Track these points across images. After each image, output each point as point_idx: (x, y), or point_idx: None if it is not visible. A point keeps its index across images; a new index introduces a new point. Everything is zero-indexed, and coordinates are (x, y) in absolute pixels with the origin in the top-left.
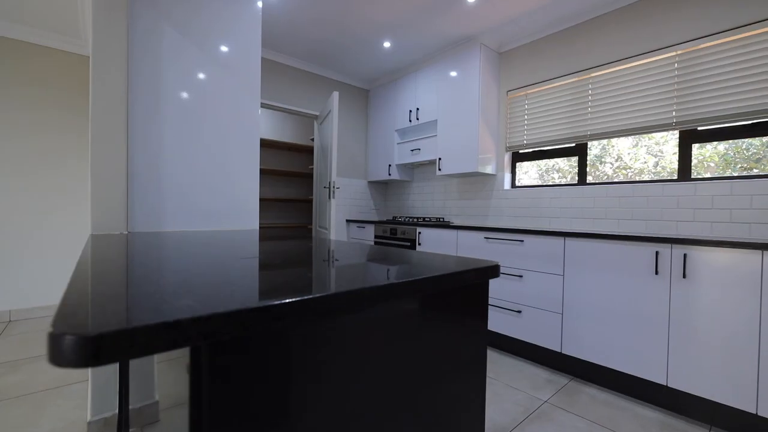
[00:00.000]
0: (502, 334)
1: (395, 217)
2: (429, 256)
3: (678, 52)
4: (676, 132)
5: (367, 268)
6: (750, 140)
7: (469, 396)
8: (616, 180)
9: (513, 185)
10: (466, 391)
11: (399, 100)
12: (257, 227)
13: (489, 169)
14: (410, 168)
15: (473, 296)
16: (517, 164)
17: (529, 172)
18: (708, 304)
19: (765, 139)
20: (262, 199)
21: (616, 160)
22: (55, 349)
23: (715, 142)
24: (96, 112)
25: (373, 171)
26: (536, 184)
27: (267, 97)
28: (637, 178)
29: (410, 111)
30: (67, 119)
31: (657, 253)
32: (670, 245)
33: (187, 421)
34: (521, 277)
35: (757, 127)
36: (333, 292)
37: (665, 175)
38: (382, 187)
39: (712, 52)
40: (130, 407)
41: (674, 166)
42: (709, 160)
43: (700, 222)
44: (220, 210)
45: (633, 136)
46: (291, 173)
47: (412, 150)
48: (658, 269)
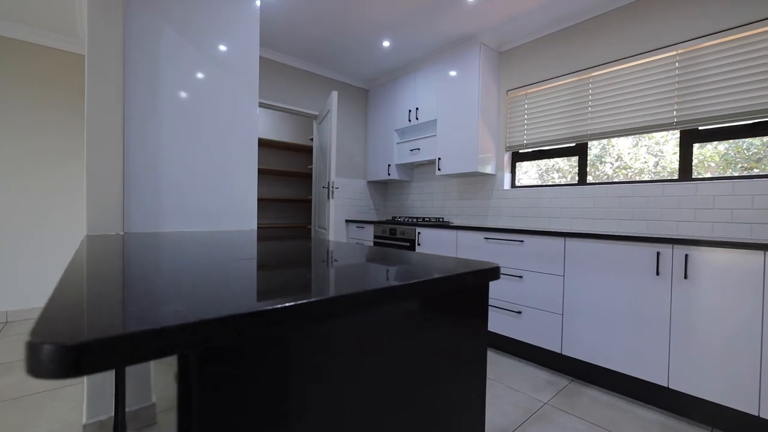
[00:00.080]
0: (502, 335)
1: (394, 218)
2: (428, 258)
3: (678, 52)
4: (677, 132)
5: (364, 270)
6: (750, 140)
7: (469, 398)
8: (616, 180)
9: (513, 185)
10: (466, 393)
11: (398, 99)
12: (255, 227)
13: (489, 169)
14: (410, 168)
15: (473, 298)
16: (517, 164)
17: (528, 172)
18: (709, 305)
19: (765, 138)
20: (261, 199)
21: (616, 160)
22: (33, 360)
23: (716, 142)
24: (91, 112)
25: (372, 171)
26: (536, 184)
27: (266, 96)
28: (638, 178)
29: (410, 111)
30: (67, 119)
31: (658, 253)
32: (671, 246)
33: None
34: (521, 277)
35: (757, 126)
36: (329, 297)
37: (665, 175)
38: (381, 187)
39: (713, 52)
40: (127, 410)
41: (674, 165)
42: (709, 159)
43: (700, 222)
44: (218, 210)
45: (633, 136)
46: (290, 173)
47: (411, 150)
48: (659, 270)
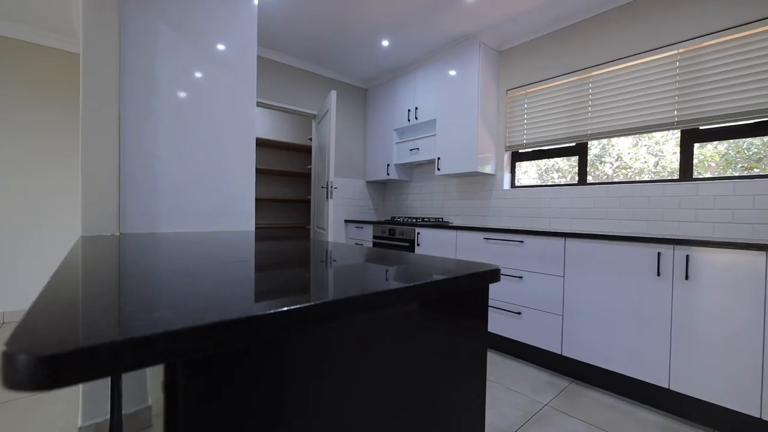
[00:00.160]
0: (501, 336)
1: (394, 218)
2: (427, 260)
3: (679, 51)
4: (677, 131)
5: (362, 273)
6: (751, 140)
7: (469, 400)
8: (616, 180)
9: (512, 185)
10: (466, 395)
11: (398, 99)
12: (253, 228)
13: (488, 168)
14: (409, 168)
15: (473, 299)
16: (517, 164)
17: (528, 172)
18: (711, 306)
19: (766, 138)
20: (260, 200)
21: (616, 160)
22: (8, 371)
23: (716, 142)
24: (86, 111)
25: (371, 171)
26: (536, 184)
27: (264, 96)
28: (637, 178)
29: (409, 110)
30: (67, 119)
31: (659, 254)
32: (672, 246)
33: None
34: (521, 278)
35: (759, 126)
36: (323, 302)
37: (665, 175)
38: (380, 187)
39: (714, 51)
40: (123, 412)
41: (674, 165)
42: (710, 159)
43: (701, 222)
44: (215, 210)
45: (633, 136)
46: (289, 173)
47: (410, 149)
48: (660, 270)
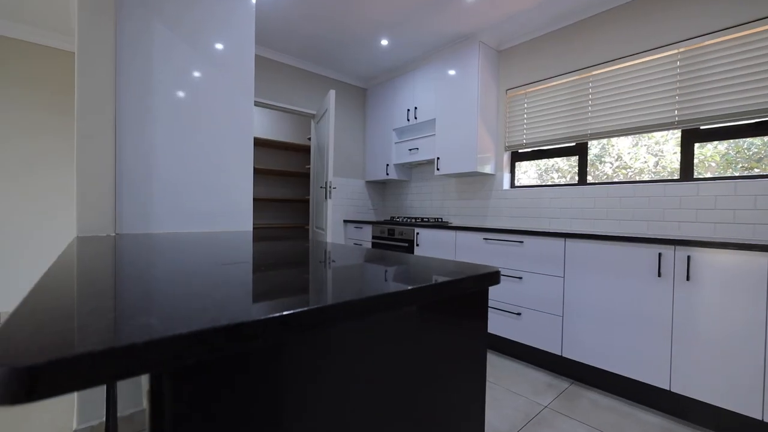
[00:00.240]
0: (501, 337)
1: (393, 218)
2: (426, 262)
3: (680, 50)
4: (677, 131)
5: (359, 276)
6: (751, 140)
7: (469, 402)
8: (616, 180)
9: (512, 185)
10: (465, 398)
11: (397, 98)
12: (251, 228)
13: (488, 168)
14: (408, 168)
15: (472, 302)
16: (517, 164)
17: (528, 172)
18: (712, 307)
19: (767, 138)
20: (259, 200)
21: (616, 160)
22: None
23: (716, 142)
24: (82, 111)
25: (370, 171)
26: (536, 184)
27: (263, 95)
28: (637, 178)
29: (408, 110)
30: (68, 120)
31: (660, 254)
32: (673, 247)
33: None
34: (521, 278)
35: (761, 126)
36: (318, 306)
37: (665, 175)
38: (379, 187)
39: (715, 50)
40: (118, 415)
41: (674, 165)
42: (710, 159)
43: (702, 223)
44: (212, 210)
45: (633, 136)
46: (288, 173)
47: (410, 149)
48: (661, 271)
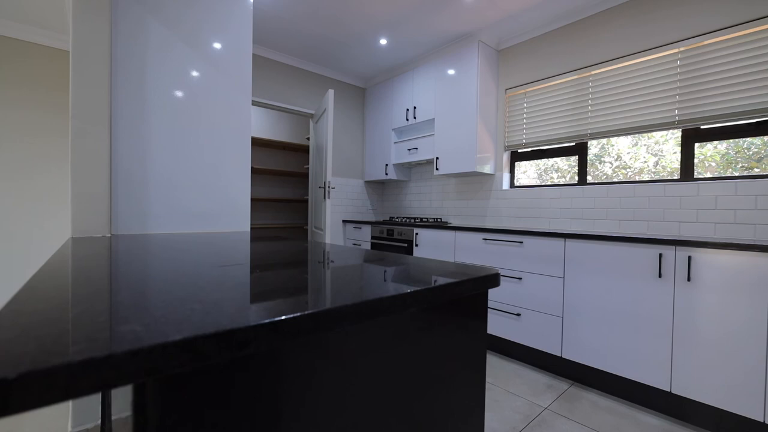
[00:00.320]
0: (501, 338)
1: (392, 218)
2: (424, 264)
3: (680, 49)
4: (677, 131)
5: (356, 279)
6: (751, 139)
7: (469, 405)
8: (615, 180)
9: (512, 185)
10: (464, 400)
11: (396, 98)
12: (248, 229)
13: (487, 168)
14: (407, 168)
15: (472, 304)
16: (516, 164)
17: (527, 172)
18: (713, 308)
19: (767, 138)
20: (258, 200)
21: (616, 160)
22: None
23: (716, 142)
24: (76, 109)
25: (369, 170)
26: (535, 184)
27: (261, 95)
28: (637, 178)
29: (407, 110)
30: (67, 120)
31: (660, 255)
32: (674, 247)
33: None
34: (520, 279)
35: (762, 125)
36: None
37: (665, 175)
38: (378, 187)
39: (716, 49)
40: (114, 417)
41: (674, 165)
42: (710, 159)
43: (703, 223)
44: (210, 210)
45: (632, 135)
46: (286, 173)
47: (409, 149)
48: (662, 272)
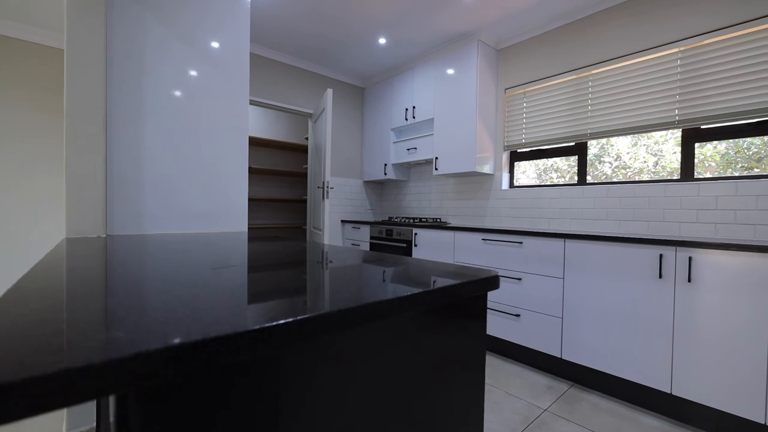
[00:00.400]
0: (500, 339)
1: (391, 218)
2: (422, 266)
3: (681, 48)
4: (676, 131)
5: (352, 282)
6: (751, 139)
7: (468, 407)
8: (615, 180)
9: (511, 185)
10: (464, 402)
11: (395, 98)
12: (246, 229)
13: (486, 168)
14: (406, 167)
15: (471, 307)
16: (516, 164)
17: (527, 172)
18: (714, 309)
19: (767, 138)
20: (256, 200)
21: (615, 160)
22: None
23: (715, 142)
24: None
25: (368, 170)
26: (535, 184)
27: (259, 94)
28: (637, 178)
29: (406, 109)
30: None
31: (661, 255)
32: (674, 248)
33: None
34: (520, 279)
35: (762, 125)
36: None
37: (665, 175)
38: (377, 187)
39: (716, 48)
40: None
41: (674, 165)
42: (709, 159)
43: (703, 223)
44: (207, 211)
45: (632, 135)
46: (285, 173)
47: (408, 149)
48: (662, 273)
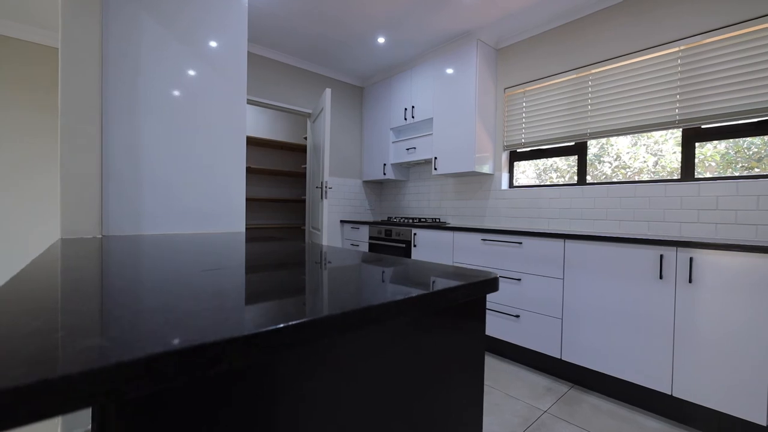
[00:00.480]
0: (499, 340)
1: (390, 218)
2: (420, 268)
3: (681, 48)
4: (676, 130)
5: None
6: (751, 139)
7: (467, 409)
8: (615, 180)
9: (511, 185)
10: (462, 404)
11: (394, 97)
12: (243, 229)
13: (486, 168)
14: (405, 167)
15: (470, 309)
16: (515, 163)
17: (526, 172)
18: (715, 310)
19: (767, 137)
20: (255, 200)
21: (615, 160)
22: None
23: (715, 141)
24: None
25: (367, 170)
26: (534, 184)
27: (258, 94)
28: (637, 178)
29: (405, 109)
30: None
31: (662, 256)
32: (675, 248)
33: None
34: (519, 280)
35: (763, 125)
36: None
37: (665, 175)
38: (377, 187)
39: (717, 48)
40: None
41: (674, 165)
42: (710, 159)
43: (704, 223)
44: (204, 211)
45: (632, 135)
46: (284, 173)
47: (407, 149)
48: (663, 273)
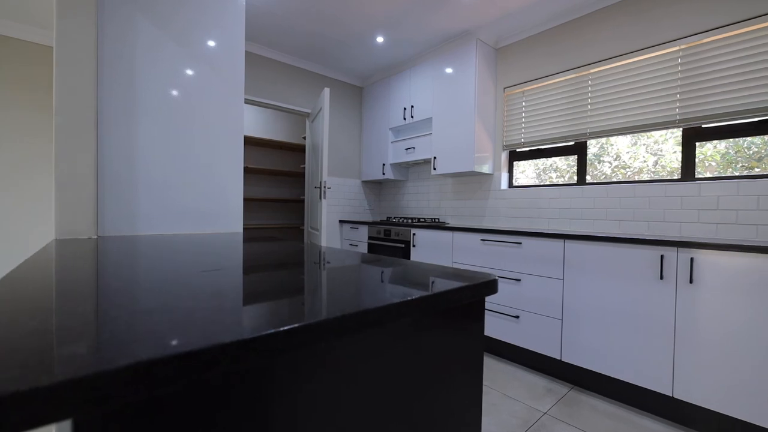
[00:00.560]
0: (499, 340)
1: (389, 218)
2: (418, 270)
3: (681, 47)
4: (676, 130)
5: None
6: (751, 139)
7: (465, 410)
8: (615, 179)
9: (510, 185)
10: (461, 405)
11: (393, 97)
12: (241, 229)
13: (485, 168)
14: (405, 167)
15: (468, 311)
16: (515, 163)
17: (526, 172)
18: (716, 310)
19: (767, 137)
20: (253, 200)
21: (615, 159)
22: None
23: (715, 141)
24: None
25: (366, 170)
26: (534, 183)
27: (256, 93)
28: (636, 178)
29: (404, 109)
30: None
31: (662, 256)
32: (676, 248)
33: None
34: (519, 280)
35: (763, 124)
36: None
37: (665, 175)
38: (376, 187)
39: (717, 47)
40: None
41: (674, 165)
42: (710, 159)
43: (704, 223)
44: (201, 211)
45: (632, 135)
46: (282, 172)
47: (406, 149)
48: (663, 274)
